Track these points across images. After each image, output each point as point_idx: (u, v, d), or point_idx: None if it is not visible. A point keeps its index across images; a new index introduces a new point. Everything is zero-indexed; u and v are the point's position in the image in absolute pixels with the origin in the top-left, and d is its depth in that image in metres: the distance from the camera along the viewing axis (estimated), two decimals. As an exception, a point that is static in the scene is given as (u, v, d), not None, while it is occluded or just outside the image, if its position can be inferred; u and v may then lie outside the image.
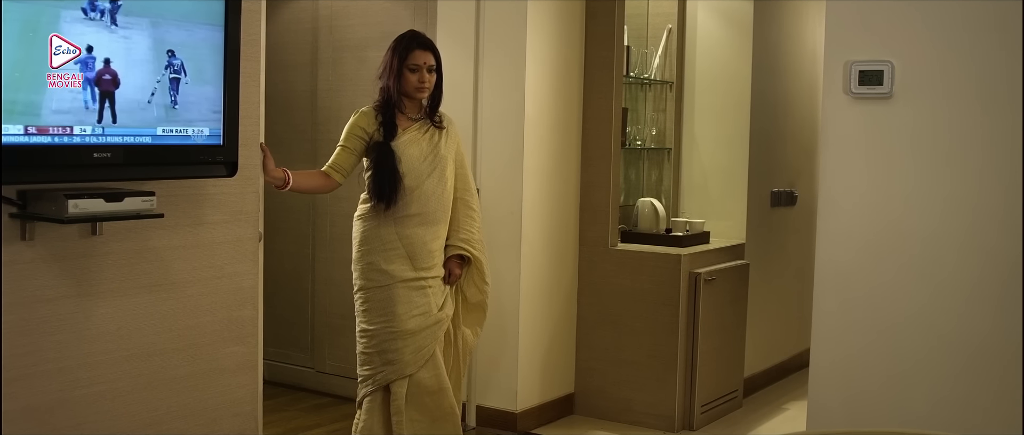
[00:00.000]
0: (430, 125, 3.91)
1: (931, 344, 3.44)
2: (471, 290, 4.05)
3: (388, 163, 3.78)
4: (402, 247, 3.83)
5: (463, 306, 4.07)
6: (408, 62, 3.82)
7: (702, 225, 5.23)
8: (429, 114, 3.93)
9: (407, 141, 3.83)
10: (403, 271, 3.84)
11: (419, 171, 3.82)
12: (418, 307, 3.85)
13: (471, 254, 3.99)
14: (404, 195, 3.80)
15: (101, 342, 2.99)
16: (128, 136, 2.81)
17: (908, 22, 3.43)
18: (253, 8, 3.32)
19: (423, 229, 3.86)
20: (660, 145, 5.55)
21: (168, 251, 3.15)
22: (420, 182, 3.83)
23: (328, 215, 5.24)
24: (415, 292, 3.85)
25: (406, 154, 3.80)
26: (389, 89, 3.84)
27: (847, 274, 3.59)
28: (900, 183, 3.49)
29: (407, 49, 3.83)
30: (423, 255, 3.86)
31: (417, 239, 3.84)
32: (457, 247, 3.97)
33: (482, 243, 4.04)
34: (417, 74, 3.81)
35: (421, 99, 3.89)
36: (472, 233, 3.99)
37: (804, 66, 5.86)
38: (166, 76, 2.88)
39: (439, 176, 3.87)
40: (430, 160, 3.85)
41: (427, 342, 3.88)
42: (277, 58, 5.17)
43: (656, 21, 5.50)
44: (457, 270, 4.00)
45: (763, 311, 5.61)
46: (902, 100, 3.46)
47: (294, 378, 5.44)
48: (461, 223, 3.98)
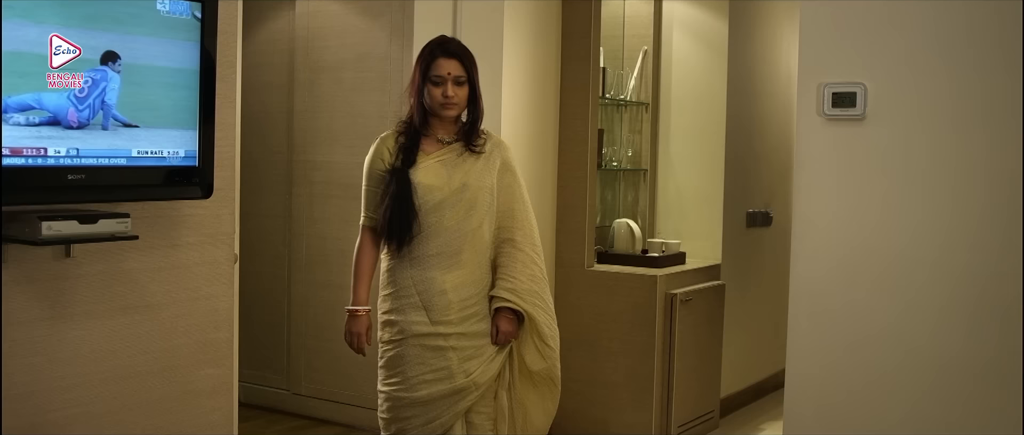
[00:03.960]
0: (465, 149, 3.29)
1: (904, 361, 3.47)
2: (530, 354, 3.32)
3: (401, 194, 3.20)
4: (416, 294, 3.22)
5: (522, 375, 3.35)
6: (431, 74, 3.23)
7: (678, 246, 5.25)
8: (465, 136, 3.31)
9: (427, 167, 3.24)
10: (417, 324, 3.22)
11: (439, 202, 3.22)
12: (433, 370, 3.22)
13: (520, 308, 3.26)
14: (420, 231, 3.22)
15: (75, 365, 2.96)
16: (103, 157, 2.80)
17: (881, 45, 3.47)
18: (229, 29, 3.32)
19: (443, 273, 3.22)
20: (636, 166, 5.57)
21: (143, 273, 3.13)
22: (440, 216, 3.22)
23: (304, 237, 5.23)
24: (430, 352, 3.22)
25: (424, 182, 3.21)
26: (413, 108, 3.29)
27: (821, 293, 3.61)
28: (873, 203, 3.51)
29: (430, 57, 3.25)
30: (441, 305, 3.21)
31: (434, 285, 3.21)
32: (500, 299, 3.27)
33: (539, 295, 3.31)
34: (441, 87, 3.22)
35: (449, 117, 3.27)
36: (518, 280, 3.27)
37: (779, 88, 5.90)
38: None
39: (466, 209, 3.23)
40: (456, 190, 3.23)
41: (442, 413, 3.23)
42: (253, 79, 5.17)
43: (632, 43, 5.53)
44: (505, 326, 3.28)
45: (739, 331, 5.62)
46: (875, 122, 3.49)
47: (270, 400, 5.41)
48: (506, 269, 3.28)
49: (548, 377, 3.36)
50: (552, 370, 3.35)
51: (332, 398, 5.17)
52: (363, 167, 3.34)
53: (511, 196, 3.34)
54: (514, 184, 3.35)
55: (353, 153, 4.98)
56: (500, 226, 3.31)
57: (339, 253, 5.05)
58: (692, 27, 5.53)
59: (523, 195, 3.37)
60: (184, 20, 2.96)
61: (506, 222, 3.32)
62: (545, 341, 3.30)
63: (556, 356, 3.34)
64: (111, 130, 2.81)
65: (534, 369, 3.32)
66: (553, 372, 3.35)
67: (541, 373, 3.34)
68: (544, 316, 3.31)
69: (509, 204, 3.33)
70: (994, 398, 3.34)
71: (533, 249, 3.33)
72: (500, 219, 3.32)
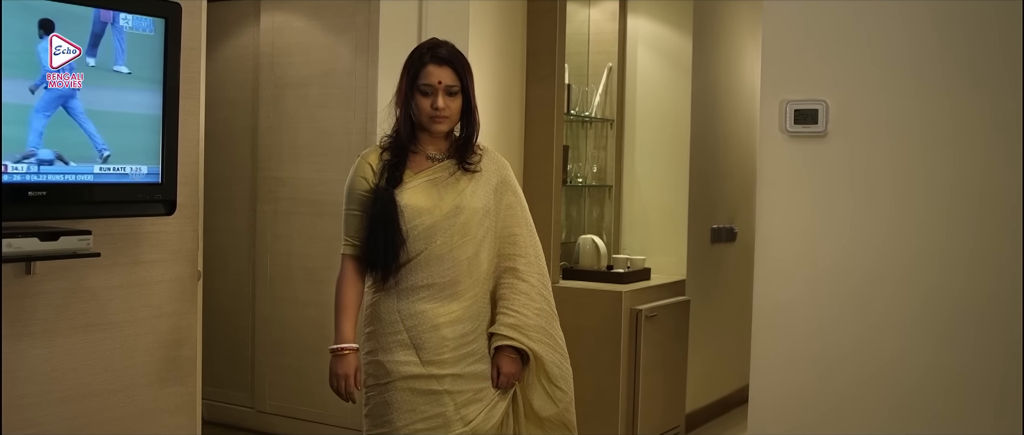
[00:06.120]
0: (458, 167, 2.91)
1: (870, 378, 3.49)
2: (538, 398, 2.94)
3: (386, 217, 2.79)
4: (404, 331, 2.82)
5: (530, 421, 2.96)
6: (420, 82, 2.83)
7: (643, 262, 5.27)
8: (458, 152, 2.93)
9: (415, 188, 2.85)
10: (405, 365, 2.81)
11: (429, 227, 2.82)
12: (425, 418, 2.81)
13: (524, 346, 2.87)
14: (408, 259, 2.83)
15: (35, 384, 2.93)
16: (69, 174, 2.78)
17: (842, 62, 3.50)
18: (193, 45, 3.31)
19: (434, 306, 2.82)
20: (601, 182, 5.59)
21: (105, 290, 3.11)
22: (430, 242, 2.82)
23: (268, 253, 5.20)
24: (421, 397, 2.81)
25: (412, 204, 2.82)
26: (399, 120, 2.89)
27: (784, 309, 3.63)
28: (835, 220, 3.54)
29: (419, 64, 2.85)
30: (432, 343, 2.81)
31: (424, 320, 2.81)
32: (502, 336, 2.87)
33: (546, 331, 2.92)
34: (431, 98, 2.82)
35: (439, 132, 2.88)
36: (522, 315, 2.87)
37: (742, 104, 5.95)
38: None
39: (460, 234, 2.84)
40: (448, 213, 2.84)
41: None
42: (217, 95, 5.14)
43: (597, 59, 5.56)
44: (508, 367, 2.88)
45: (704, 346, 5.65)
46: (836, 138, 3.52)
47: (234, 418, 5.37)
48: (508, 302, 2.88)
49: (560, 423, 2.98)
50: (565, 415, 2.97)
51: (296, 415, 5.14)
52: (343, 187, 2.94)
53: (512, 219, 2.96)
54: (515, 205, 2.98)
55: (318, 169, 4.97)
56: (501, 253, 2.93)
57: (304, 270, 5.03)
58: (656, 44, 5.56)
59: (526, 217, 3.00)
60: (147, 36, 2.94)
61: (507, 249, 2.93)
62: (555, 383, 2.93)
63: (570, 399, 2.96)
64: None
65: (544, 415, 2.94)
66: (566, 418, 2.97)
67: (552, 419, 2.96)
68: (552, 354, 2.92)
69: (510, 228, 2.95)
70: (962, 414, 3.36)
71: (540, 279, 2.94)
72: (501, 245, 2.93)
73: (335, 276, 2.93)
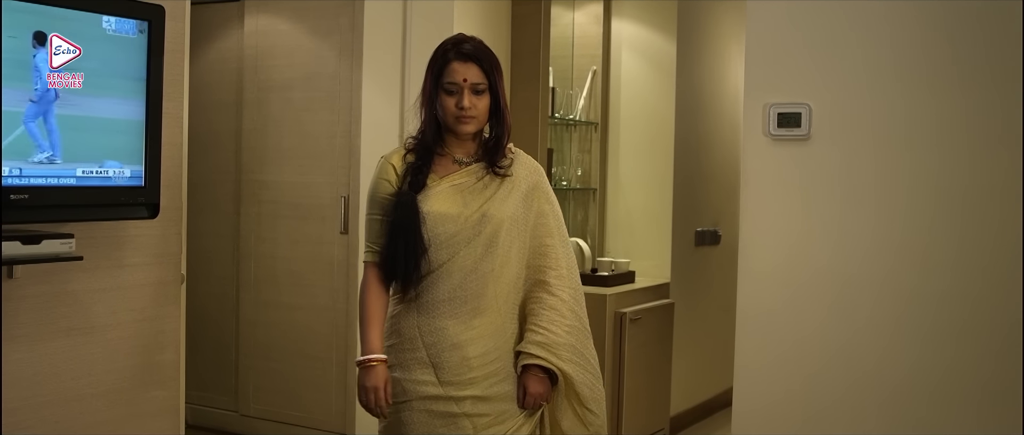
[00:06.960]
0: (486, 171, 2.71)
1: (852, 382, 3.50)
2: (568, 421, 2.75)
3: (407, 224, 2.61)
4: (423, 348, 2.64)
5: None
6: (444, 80, 2.64)
7: (627, 265, 5.28)
8: (487, 155, 2.73)
9: (439, 193, 2.66)
10: (423, 385, 2.63)
11: (452, 236, 2.63)
12: None
13: (553, 366, 2.68)
14: (429, 270, 2.64)
15: (16, 388, 2.92)
16: (51, 177, 2.77)
17: (825, 66, 3.52)
18: (177, 48, 3.30)
19: (457, 323, 2.63)
20: (585, 185, 5.60)
21: (87, 294, 3.09)
22: (454, 252, 2.64)
23: (252, 257, 5.18)
24: (439, 419, 2.63)
25: (435, 211, 2.63)
26: (424, 121, 2.70)
27: (768, 313, 3.64)
28: (818, 223, 3.55)
29: (443, 61, 2.66)
30: (452, 362, 2.63)
31: (445, 338, 2.63)
32: (530, 355, 2.68)
33: (578, 350, 2.72)
34: (455, 97, 2.63)
35: (466, 133, 2.68)
36: (551, 332, 2.67)
37: (726, 107, 5.96)
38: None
39: (486, 245, 2.64)
40: (474, 221, 2.64)
41: None
42: (201, 98, 5.13)
43: (581, 63, 5.56)
44: (535, 388, 2.69)
45: (688, 349, 5.65)
46: (819, 142, 3.53)
47: (217, 422, 5.35)
48: (537, 318, 2.68)
49: None
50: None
51: (280, 419, 5.12)
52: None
53: (544, 228, 2.74)
54: (548, 213, 2.76)
55: (302, 172, 4.96)
56: (531, 265, 2.73)
57: (288, 273, 5.01)
58: (641, 47, 5.57)
59: (560, 227, 2.79)
60: (130, 38, 2.94)
61: (538, 260, 2.73)
62: (587, 405, 2.73)
63: (602, 422, 2.77)
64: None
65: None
66: None
67: None
68: (584, 375, 2.73)
69: (542, 238, 2.74)
70: (946, 417, 3.38)
71: (572, 294, 2.73)
72: (531, 257, 2.73)
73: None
